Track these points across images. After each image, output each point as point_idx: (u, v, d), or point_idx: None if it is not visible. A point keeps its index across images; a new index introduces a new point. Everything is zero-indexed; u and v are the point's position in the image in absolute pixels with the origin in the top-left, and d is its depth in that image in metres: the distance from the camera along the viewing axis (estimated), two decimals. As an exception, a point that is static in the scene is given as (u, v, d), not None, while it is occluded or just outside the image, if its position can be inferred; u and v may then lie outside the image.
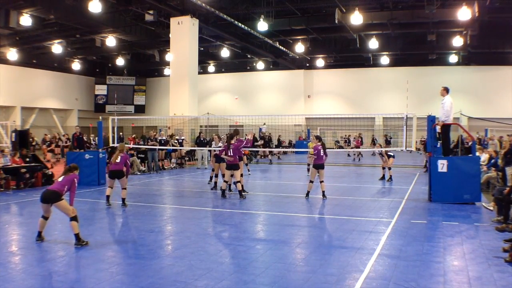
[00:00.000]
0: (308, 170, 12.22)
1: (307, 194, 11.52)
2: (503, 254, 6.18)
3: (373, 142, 28.84)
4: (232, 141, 11.70)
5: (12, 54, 30.30)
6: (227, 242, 7.24)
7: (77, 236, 6.77)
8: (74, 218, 6.81)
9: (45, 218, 7.06)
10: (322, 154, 11.28)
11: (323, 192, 11.30)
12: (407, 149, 12.85)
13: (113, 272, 5.59)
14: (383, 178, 15.42)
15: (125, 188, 10.26)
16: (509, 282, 5.23)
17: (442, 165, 10.46)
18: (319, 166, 11.31)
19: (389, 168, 15.34)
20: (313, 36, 29.45)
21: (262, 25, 23.70)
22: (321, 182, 11.38)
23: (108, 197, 10.36)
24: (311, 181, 11.50)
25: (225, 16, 22.87)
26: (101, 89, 39.43)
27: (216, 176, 13.10)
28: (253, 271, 5.64)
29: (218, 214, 9.80)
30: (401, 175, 17.21)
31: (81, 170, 13.64)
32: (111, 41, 27.82)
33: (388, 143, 27.05)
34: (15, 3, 20.78)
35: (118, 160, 10.20)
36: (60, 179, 7.09)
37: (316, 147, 11.50)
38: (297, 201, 11.17)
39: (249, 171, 17.45)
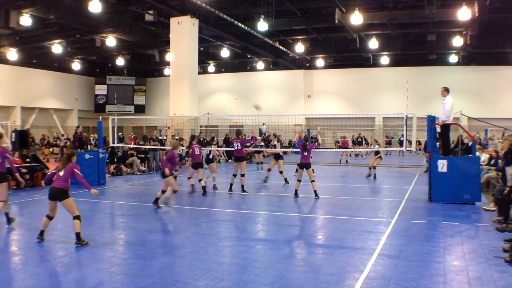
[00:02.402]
0: (296, 170, 12.52)
1: (295, 193, 11.60)
2: (503, 254, 6.18)
3: (363, 142, 28.67)
4: (194, 142, 12.55)
5: (12, 54, 30.29)
6: (227, 242, 7.24)
7: (78, 235, 6.78)
8: (77, 217, 6.83)
9: (49, 217, 7.06)
10: (305, 154, 11.35)
11: (315, 191, 11.34)
12: (407, 149, 12.82)
13: (113, 272, 5.59)
14: (369, 176, 15.75)
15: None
16: (509, 282, 5.23)
17: (442, 165, 10.47)
18: (303, 165, 11.40)
19: (374, 167, 15.69)
20: (313, 36, 29.45)
21: (262, 25, 23.70)
22: (311, 182, 11.43)
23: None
24: (299, 180, 11.65)
25: (225, 16, 22.87)
26: (101, 89, 39.42)
27: (235, 176, 12.49)
28: (253, 271, 5.64)
29: (218, 214, 9.80)
30: (401, 175, 17.21)
31: (81, 170, 13.72)
32: (111, 41, 27.82)
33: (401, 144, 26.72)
34: (15, 3, 20.78)
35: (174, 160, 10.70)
36: (61, 173, 7.04)
37: (299, 145, 11.65)
38: (297, 201, 11.17)
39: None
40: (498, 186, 10.62)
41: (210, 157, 13.71)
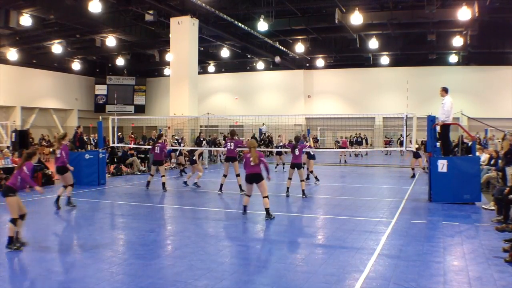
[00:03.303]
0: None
1: (287, 190, 11.79)
2: (503, 254, 6.18)
3: (363, 142, 28.59)
4: (160, 141, 13.18)
5: (12, 54, 30.29)
6: (227, 242, 7.24)
7: (10, 239, 6.43)
8: (13, 221, 6.44)
9: (20, 217, 6.58)
10: (297, 154, 11.59)
11: (303, 191, 11.52)
12: (407, 149, 12.82)
13: (113, 272, 5.59)
14: (414, 176, 15.85)
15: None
16: (509, 282, 5.23)
17: (442, 165, 10.46)
18: (295, 165, 11.60)
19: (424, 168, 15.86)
20: (313, 36, 29.45)
21: (262, 25, 23.70)
22: (301, 181, 11.61)
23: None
24: (289, 178, 11.82)
25: (225, 16, 22.87)
26: (101, 89, 39.42)
27: (225, 176, 12.43)
28: (253, 271, 5.64)
29: (218, 214, 9.80)
30: (401, 175, 17.21)
31: (81, 170, 13.78)
32: (111, 41, 27.81)
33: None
34: (15, 3, 20.77)
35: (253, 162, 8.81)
36: (15, 171, 6.68)
37: (289, 145, 11.83)
38: (296, 201, 11.17)
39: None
40: (498, 186, 10.62)
41: (194, 158, 13.79)
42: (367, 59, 33.61)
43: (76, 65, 35.98)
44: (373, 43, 27.92)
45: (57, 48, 29.44)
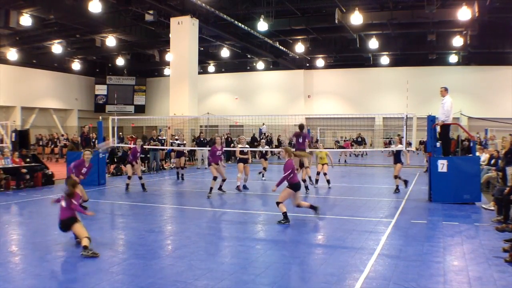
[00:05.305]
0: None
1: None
2: (503, 254, 6.18)
3: (363, 142, 28.50)
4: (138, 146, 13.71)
5: (12, 54, 30.28)
6: (227, 242, 7.24)
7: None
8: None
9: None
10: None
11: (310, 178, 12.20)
12: (407, 149, 12.83)
13: (113, 272, 5.59)
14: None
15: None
16: (509, 282, 5.23)
17: (442, 165, 10.47)
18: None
19: None
20: (313, 36, 29.45)
21: (262, 25, 23.70)
22: (306, 168, 12.28)
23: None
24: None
25: (225, 16, 22.87)
26: (101, 89, 39.40)
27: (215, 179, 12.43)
28: (253, 271, 5.64)
29: (218, 214, 9.80)
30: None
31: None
32: (111, 41, 27.81)
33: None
34: (15, 3, 20.78)
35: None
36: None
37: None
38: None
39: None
40: (498, 186, 10.62)
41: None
42: (367, 59, 33.60)
43: (76, 65, 35.97)
44: (373, 43, 27.92)
45: (57, 48, 29.44)
